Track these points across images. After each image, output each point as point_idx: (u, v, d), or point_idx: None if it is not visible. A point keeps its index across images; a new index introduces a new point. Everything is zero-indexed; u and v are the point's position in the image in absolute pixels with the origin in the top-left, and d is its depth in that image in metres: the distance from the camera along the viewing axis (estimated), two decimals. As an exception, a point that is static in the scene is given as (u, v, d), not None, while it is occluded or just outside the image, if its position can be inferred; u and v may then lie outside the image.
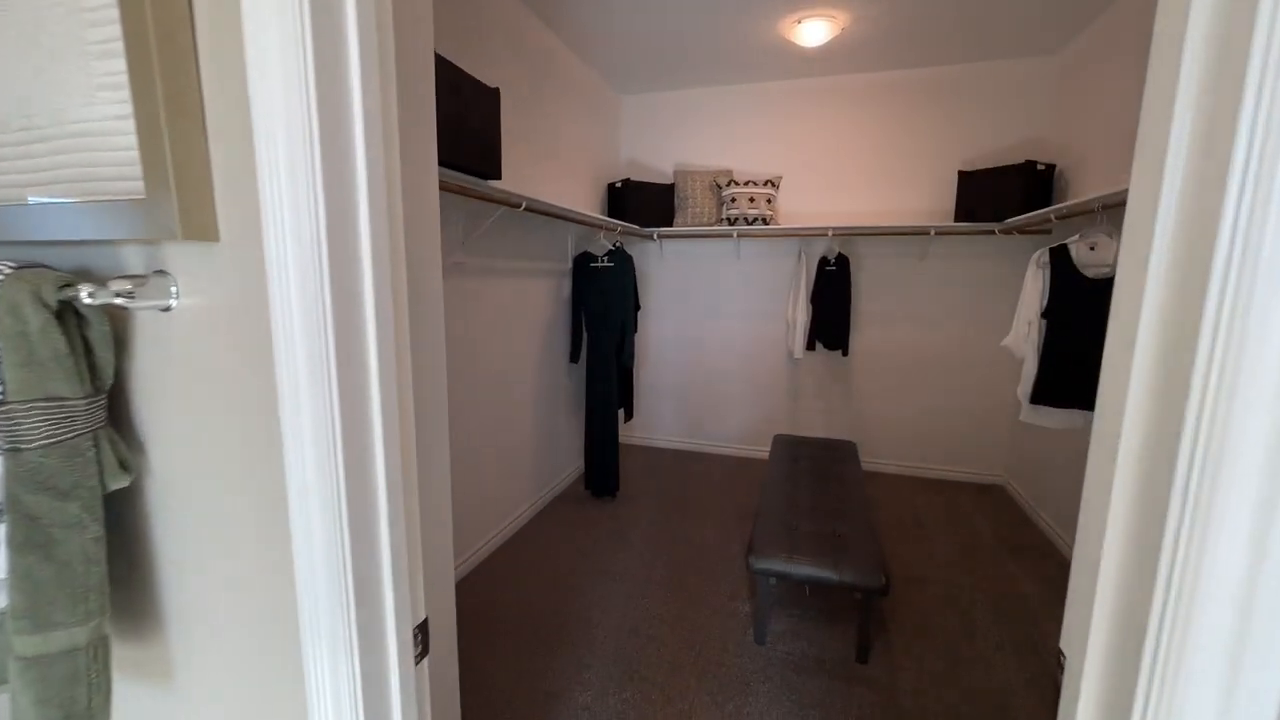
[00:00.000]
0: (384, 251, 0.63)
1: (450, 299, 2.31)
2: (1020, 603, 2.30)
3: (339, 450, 0.58)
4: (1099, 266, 2.05)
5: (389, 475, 0.65)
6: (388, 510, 0.65)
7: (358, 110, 0.56)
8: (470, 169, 1.90)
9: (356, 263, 0.59)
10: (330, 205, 0.55)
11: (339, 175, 0.56)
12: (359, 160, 0.58)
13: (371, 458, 0.63)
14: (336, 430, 0.58)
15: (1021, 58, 3.18)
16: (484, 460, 2.61)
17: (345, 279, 0.58)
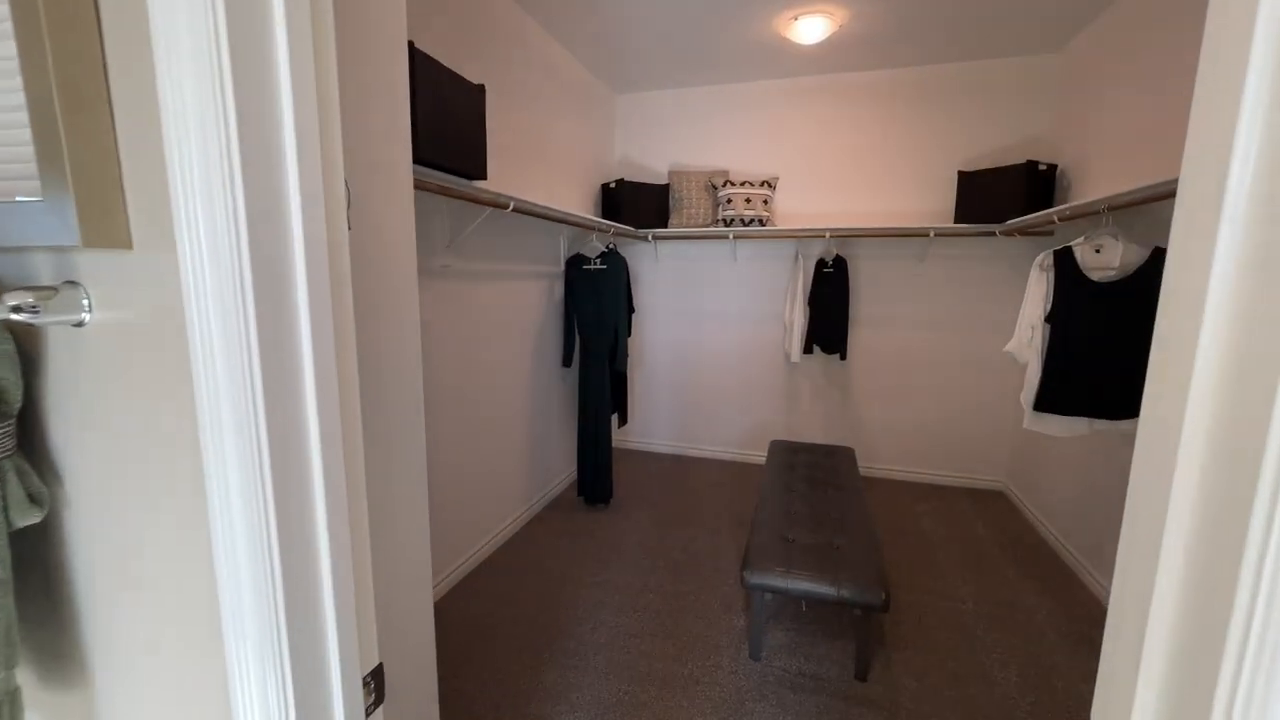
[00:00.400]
0: (320, 258, 0.55)
1: (437, 303, 2.24)
2: (1024, 616, 2.23)
3: (266, 484, 0.51)
4: (1104, 270, 1.98)
5: (331, 507, 0.58)
6: (329, 547, 0.58)
7: (285, 95, 0.49)
8: (453, 169, 1.83)
9: (287, 272, 0.52)
10: (253, 206, 0.48)
11: (263, 172, 0.49)
12: (288, 154, 0.50)
13: (308, 489, 0.56)
14: (264, 462, 0.51)
15: (1023, 55, 3.12)
16: (473, 468, 2.54)
17: (273, 291, 0.51)
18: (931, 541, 2.85)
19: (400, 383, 1.23)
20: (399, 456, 1.26)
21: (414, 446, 1.31)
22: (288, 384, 0.53)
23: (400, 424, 1.25)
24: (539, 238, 3.01)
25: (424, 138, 1.61)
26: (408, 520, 1.33)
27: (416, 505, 1.36)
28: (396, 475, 1.26)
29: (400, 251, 1.22)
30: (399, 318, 1.23)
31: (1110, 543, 2.31)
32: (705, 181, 3.66)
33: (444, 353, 2.30)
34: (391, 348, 1.20)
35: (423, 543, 1.41)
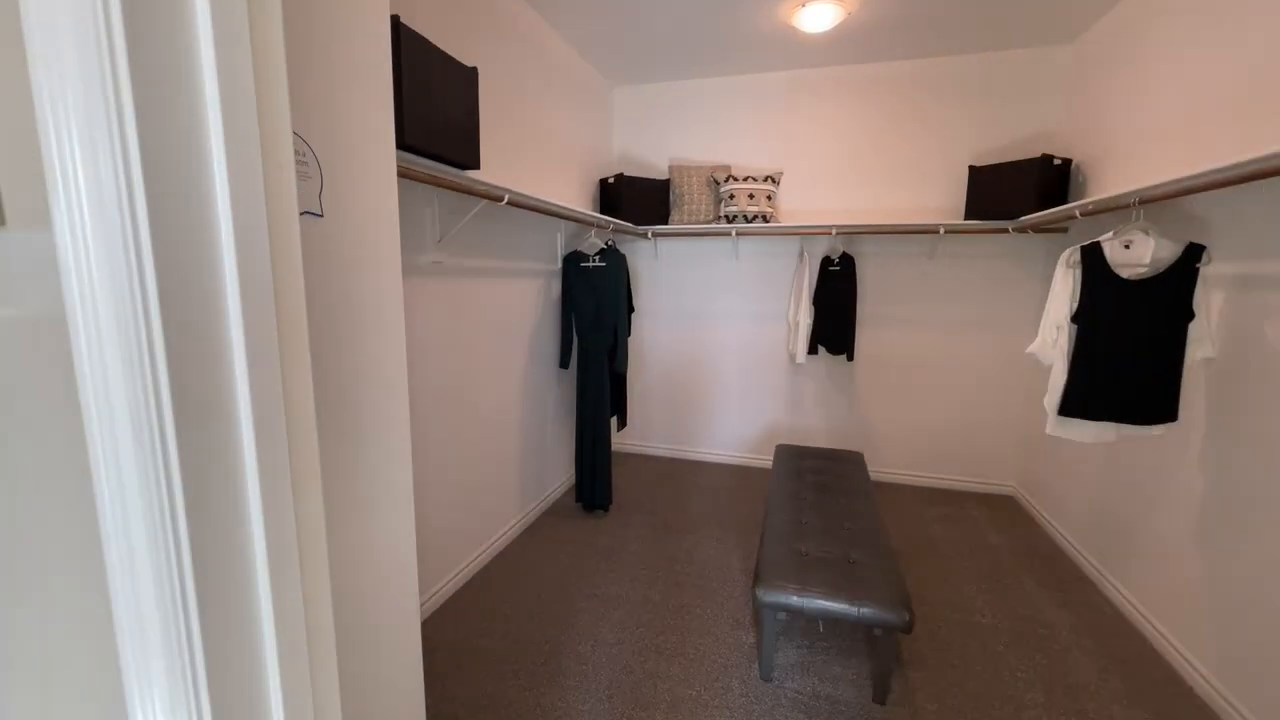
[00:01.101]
0: (259, 243, 0.43)
1: (426, 302, 2.11)
2: (1046, 631, 2.12)
3: (179, 531, 0.39)
4: (1134, 266, 1.87)
5: (274, 560, 0.45)
6: (271, 607, 0.45)
7: (202, 25, 0.37)
8: (444, 157, 1.70)
9: (208, 259, 0.40)
10: (154, 165, 0.35)
11: (168, 118, 0.36)
12: (207, 101, 0.38)
13: (240, 536, 0.43)
14: (175, 502, 0.38)
15: (1036, 46, 3.01)
16: (464, 476, 2.42)
17: (188, 284, 0.38)
18: (943, 550, 2.75)
19: (383, 391, 1.10)
20: (382, 473, 1.14)
21: (398, 461, 1.19)
22: (211, 401, 0.40)
23: (383, 435, 1.13)
24: (534, 233, 2.88)
25: (411, 122, 1.48)
26: (391, 540, 1.21)
27: (401, 524, 1.23)
28: (379, 498, 1.13)
29: (383, 245, 1.10)
30: (382, 319, 1.10)
31: (1133, 551, 2.21)
32: (707, 177, 3.54)
33: (433, 355, 2.17)
34: (373, 352, 1.08)
35: (409, 562, 1.29)
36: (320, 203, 0.87)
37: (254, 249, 0.42)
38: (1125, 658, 1.98)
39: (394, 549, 1.21)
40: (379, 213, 1.07)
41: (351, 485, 1.02)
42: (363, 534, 1.07)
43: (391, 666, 1.21)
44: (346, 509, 1.01)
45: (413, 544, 1.28)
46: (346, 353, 0.99)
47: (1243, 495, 1.72)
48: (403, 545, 1.24)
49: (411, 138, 1.49)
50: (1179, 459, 1.98)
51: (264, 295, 0.44)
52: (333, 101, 0.92)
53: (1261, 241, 1.70)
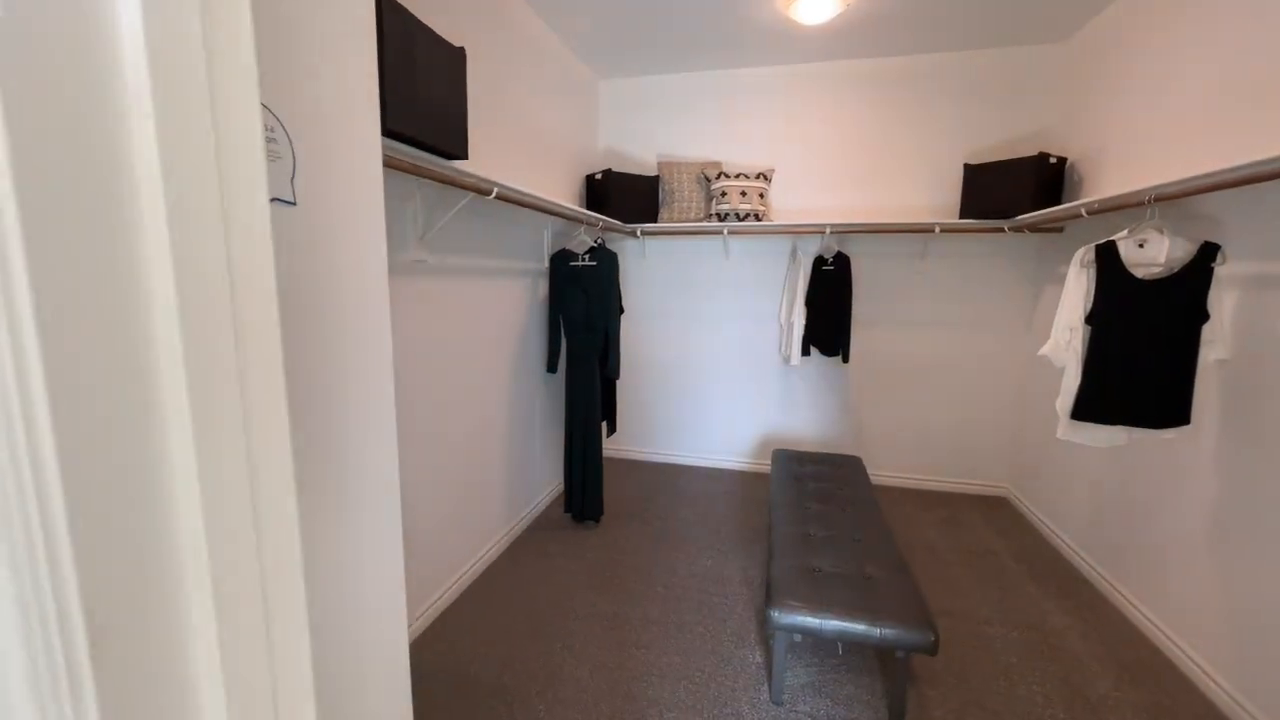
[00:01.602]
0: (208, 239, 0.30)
1: (409, 302, 1.95)
2: (1056, 639, 2.07)
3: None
4: (1149, 266, 1.82)
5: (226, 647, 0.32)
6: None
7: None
8: (430, 145, 1.55)
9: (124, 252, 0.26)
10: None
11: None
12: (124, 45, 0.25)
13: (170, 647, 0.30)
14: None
15: (1030, 44, 2.98)
16: (448, 486, 2.26)
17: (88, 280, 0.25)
18: (943, 555, 2.69)
19: (369, 403, 0.97)
20: (368, 490, 1.00)
21: (385, 475, 1.05)
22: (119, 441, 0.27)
23: (369, 452, 0.99)
24: (521, 231, 2.73)
25: (394, 104, 1.33)
26: (377, 568, 1.07)
27: (387, 549, 1.10)
28: (364, 521, 0.99)
29: (367, 240, 0.95)
30: (366, 322, 0.96)
31: (1139, 556, 2.17)
32: (697, 173, 3.43)
33: (415, 360, 2.01)
34: (356, 360, 0.94)
35: (396, 590, 1.15)
36: (293, 188, 0.73)
37: (198, 240, 0.29)
38: (1138, 667, 1.93)
39: (380, 578, 1.07)
40: (362, 203, 0.93)
41: (333, 509, 0.88)
42: (346, 565, 0.93)
43: (379, 704, 1.07)
44: (329, 537, 0.87)
45: (400, 570, 1.14)
46: (325, 361, 0.84)
47: (1258, 499, 1.68)
48: (389, 572, 1.11)
49: (394, 122, 1.34)
50: (1191, 463, 1.94)
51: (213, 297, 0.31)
52: (306, 70, 0.77)
53: (1278, 241, 1.66)
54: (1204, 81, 1.96)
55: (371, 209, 0.96)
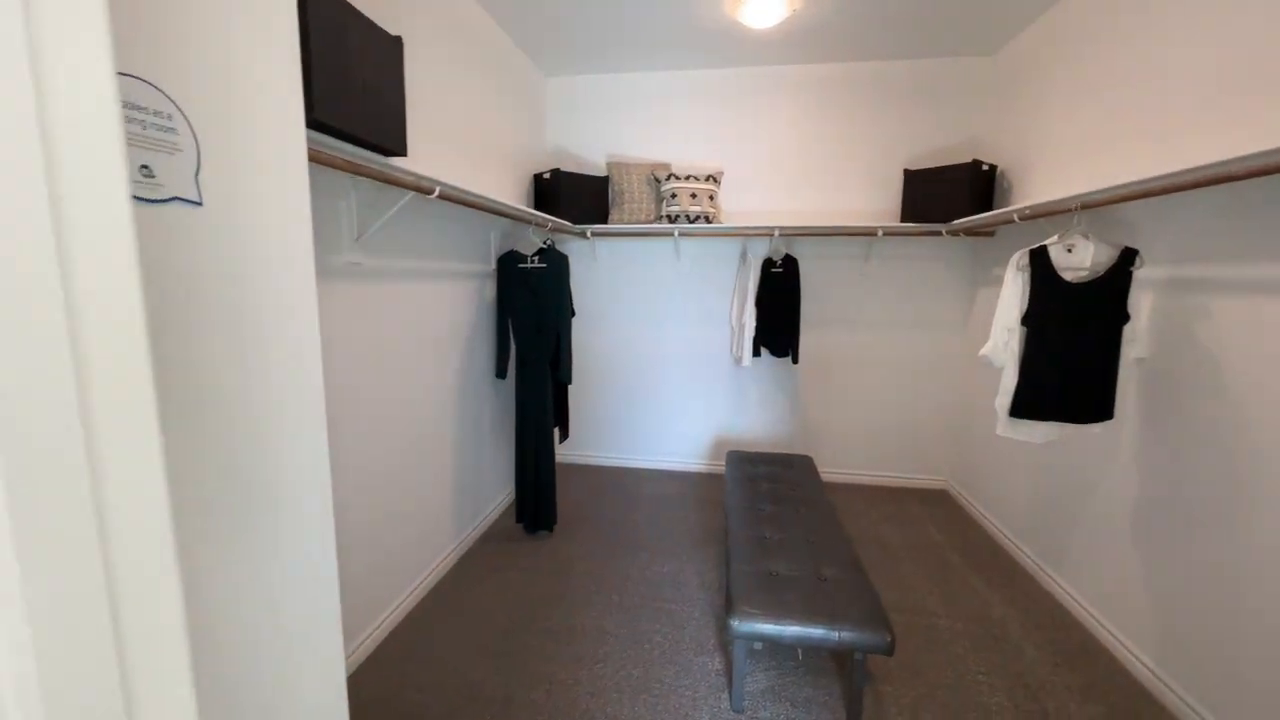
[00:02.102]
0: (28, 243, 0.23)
1: (344, 308, 1.82)
2: (999, 629, 2.16)
3: None
4: (1077, 270, 1.92)
5: None
6: None
7: None
8: (365, 140, 1.44)
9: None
10: None
11: None
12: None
13: None
14: None
15: (963, 56, 3.12)
16: (390, 503, 2.13)
17: None
18: (892, 549, 2.77)
19: (296, 416, 0.87)
20: (296, 515, 0.90)
21: (314, 493, 0.96)
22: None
23: (297, 467, 0.89)
24: (466, 231, 2.62)
25: (323, 94, 1.22)
26: (310, 604, 0.97)
27: (320, 568, 1.01)
28: (296, 546, 0.90)
29: (291, 241, 0.86)
30: (291, 332, 0.87)
31: (1070, 545, 2.30)
32: (647, 174, 3.40)
33: (351, 369, 1.88)
34: (280, 372, 0.84)
35: (330, 616, 1.05)
36: (198, 185, 0.64)
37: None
38: (1072, 651, 2.04)
39: (311, 605, 0.98)
40: (286, 202, 0.84)
41: (249, 531, 0.79)
42: (267, 593, 0.84)
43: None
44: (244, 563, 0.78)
45: (335, 596, 1.05)
46: (243, 373, 0.75)
47: (1175, 489, 1.80)
48: (322, 599, 1.01)
49: (323, 114, 1.23)
50: (1113, 456, 2.07)
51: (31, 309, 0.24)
52: (213, 52, 0.68)
53: (1188, 247, 1.78)
54: (1113, 98, 2.10)
55: (296, 208, 0.87)
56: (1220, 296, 1.66)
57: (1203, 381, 1.71)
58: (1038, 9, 2.56)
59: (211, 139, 0.67)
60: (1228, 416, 1.62)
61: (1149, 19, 1.96)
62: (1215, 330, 1.68)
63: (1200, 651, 1.68)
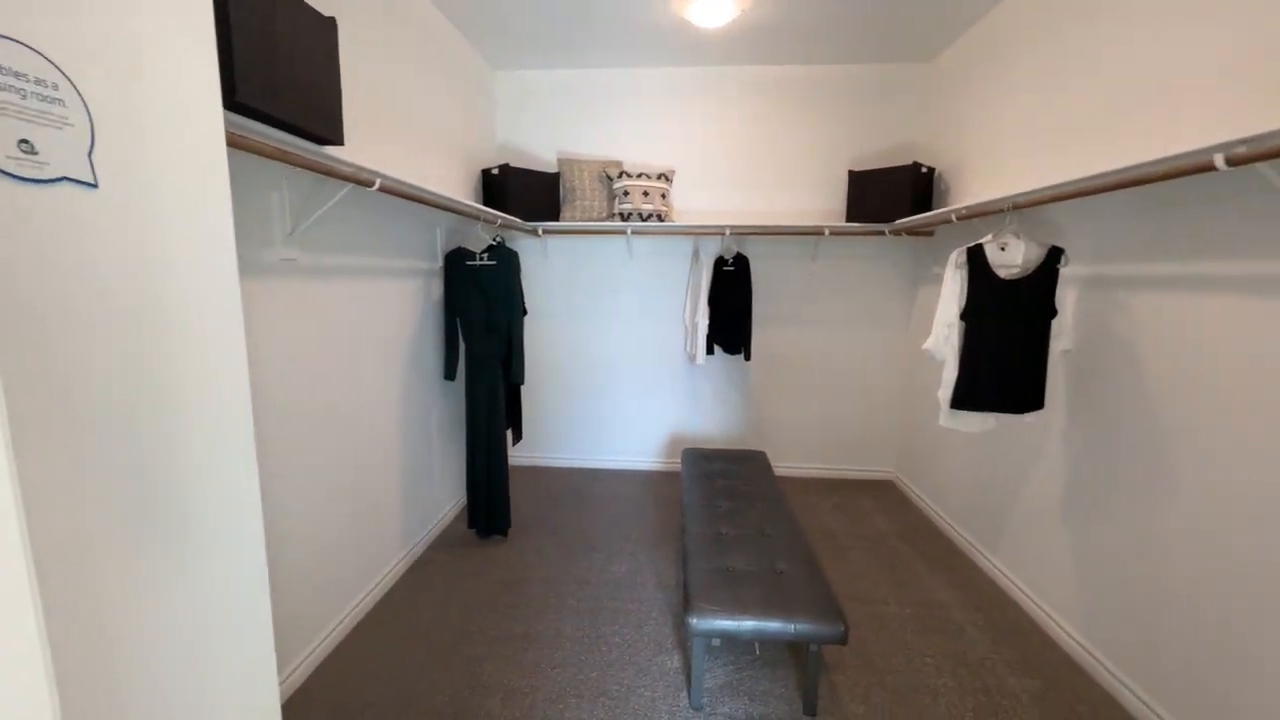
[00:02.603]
0: None
1: (281, 307, 1.71)
2: (942, 612, 2.25)
3: None
4: (1009, 267, 2.02)
5: None
6: None
7: None
8: (296, 127, 1.35)
9: None
10: None
11: None
12: None
13: None
14: None
15: (903, 62, 3.24)
16: (334, 511, 2.02)
17: None
18: (842, 540, 2.84)
19: (216, 422, 0.80)
20: (219, 530, 0.83)
21: (241, 503, 0.89)
22: None
23: (219, 477, 0.82)
24: (410, 227, 2.52)
25: (246, 74, 1.13)
26: (234, 610, 0.90)
27: (248, 585, 0.94)
28: (217, 563, 0.83)
29: (210, 232, 0.79)
30: (211, 328, 0.79)
31: (1005, 529, 2.42)
32: (599, 172, 3.37)
33: (286, 372, 1.76)
34: (198, 373, 0.77)
35: (262, 637, 0.98)
36: (91, 165, 0.57)
37: None
38: (1008, 629, 2.14)
39: (239, 626, 0.91)
40: (202, 190, 0.77)
41: (154, 544, 0.72)
42: (182, 617, 0.77)
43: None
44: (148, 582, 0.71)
45: (266, 614, 0.98)
46: (153, 381, 0.68)
47: (1096, 473, 1.92)
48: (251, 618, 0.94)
49: (247, 96, 1.14)
50: (1044, 443, 2.19)
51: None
52: (107, 19, 0.61)
53: (1107, 246, 1.90)
54: (1042, 103, 2.22)
55: (215, 197, 0.79)
56: (1133, 292, 1.78)
57: (1119, 371, 1.83)
58: (970, 19, 2.69)
59: (109, 115, 0.60)
60: (1140, 403, 1.74)
61: (1075, 29, 2.08)
62: (1130, 323, 1.79)
63: (1121, 623, 1.79)
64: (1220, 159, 1.26)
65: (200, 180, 0.78)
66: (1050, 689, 1.83)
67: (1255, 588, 1.39)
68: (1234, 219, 1.46)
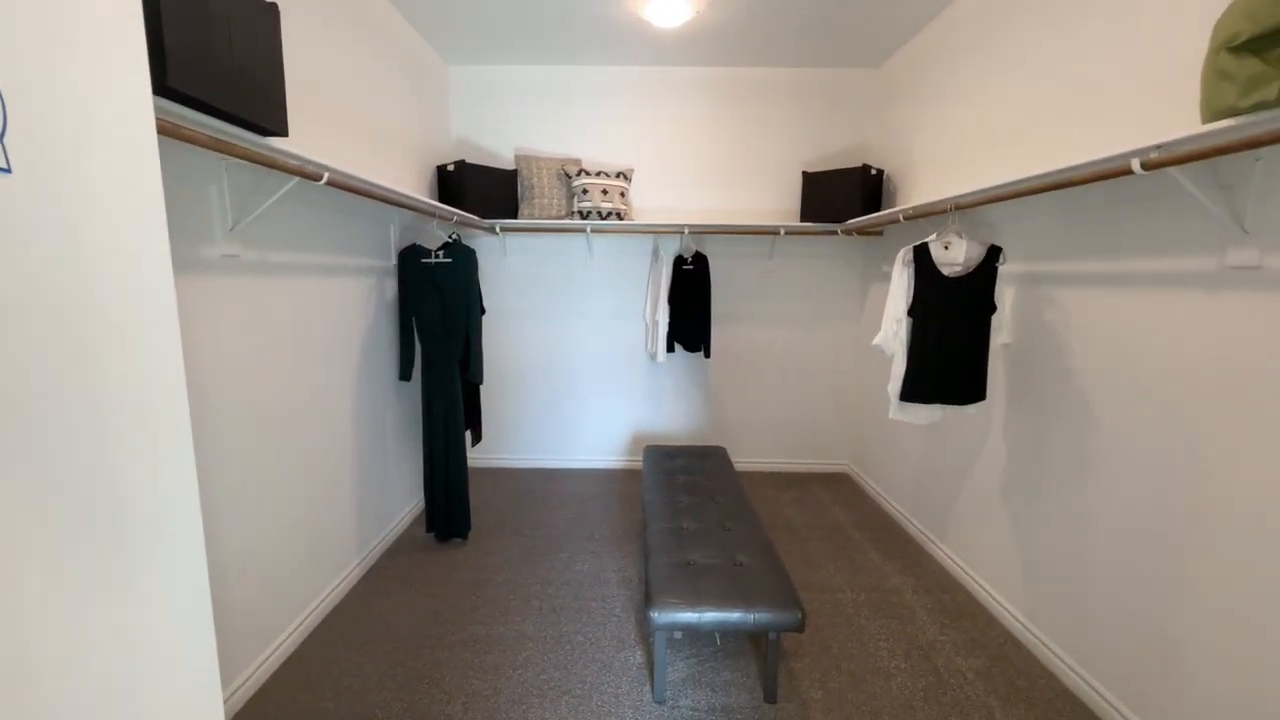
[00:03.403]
0: None
1: (223, 305, 1.63)
2: (894, 597, 2.33)
3: None
4: (953, 265, 2.12)
5: None
6: None
7: None
8: (236, 116, 1.29)
9: None
10: None
11: None
12: None
13: None
14: None
15: (853, 67, 3.34)
16: (284, 518, 1.94)
17: None
18: (800, 532, 2.91)
19: (149, 428, 0.76)
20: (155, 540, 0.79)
21: (178, 512, 0.85)
22: None
23: (153, 490, 0.78)
24: (362, 224, 2.44)
25: (179, 58, 1.07)
26: (172, 625, 0.86)
27: (188, 599, 0.90)
28: (151, 575, 0.79)
29: (139, 224, 0.75)
30: (142, 327, 0.75)
31: (952, 516, 2.53)
32: (557, 169, 3.35)
33: (230, 375, 1.69)
34: (131, 376, 0.73)
35: (204, 654, 0.94)
36: (3, 149, 0.53)
37: None
38: (956, 611, 2.24)
39: (177, 643, 0.86)
40: (130, 179, 0.73)
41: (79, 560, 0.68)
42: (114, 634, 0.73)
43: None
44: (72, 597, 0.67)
45: (208, 630, 0.93)
46: (74, 381, 0.64)
47: (1033, 460, 2.03)
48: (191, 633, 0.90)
49: (179, 79, 1.09)
50: (985, 433, 2.30)
51: None
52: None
53: (1039, 245, 2.02)
54: (984, 107, 2.33)
55: (145, 186, 0.76)
56: (1062, 288, 1.90)
57: (1052, 363, 1.94)
58: (914, 28, 2.80)
59: (22, 95, 0.57)
60: (1069, 393, 1.85)
61: (1011, 41, 2.19)
62: (1060, 318, 1.91)
63: (1058, 601, 1.90)
64: (1136, 163, 1.36)
65: (129, 170, 0.73)
66: (993, 665, 1.93)
67: (1165, 561, 1.50)
68: (1150, 220, 1.57)
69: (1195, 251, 1.45)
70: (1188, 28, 1.45)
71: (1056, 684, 1.84)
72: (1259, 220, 1.30)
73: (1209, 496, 1.40)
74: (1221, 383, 1.38)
